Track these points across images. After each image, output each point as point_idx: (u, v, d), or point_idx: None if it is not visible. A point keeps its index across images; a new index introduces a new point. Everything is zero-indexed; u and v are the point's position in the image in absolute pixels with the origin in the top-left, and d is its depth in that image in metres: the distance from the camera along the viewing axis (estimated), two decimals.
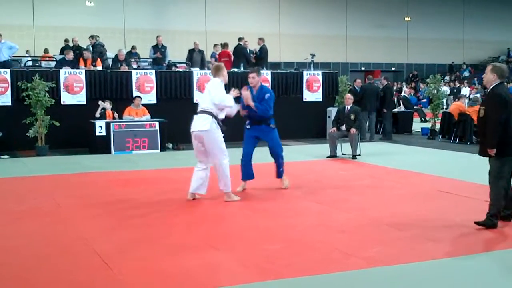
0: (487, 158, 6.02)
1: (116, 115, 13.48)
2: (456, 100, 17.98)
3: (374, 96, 15.53)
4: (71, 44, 17.26)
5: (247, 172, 8.11)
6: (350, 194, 7.93)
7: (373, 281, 4.46)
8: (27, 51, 21.03)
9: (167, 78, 14.70)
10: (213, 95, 7.23)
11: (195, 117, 7.34)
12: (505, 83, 6.50)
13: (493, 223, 5.92)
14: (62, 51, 16.02)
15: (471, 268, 4.75)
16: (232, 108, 7.48)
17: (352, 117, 11.77)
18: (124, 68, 14.65)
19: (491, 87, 6.03)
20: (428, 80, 17.06)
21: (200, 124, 7.22)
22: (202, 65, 16.18)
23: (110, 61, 15.28)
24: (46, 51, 19.16)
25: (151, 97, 14.38)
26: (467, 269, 4.73)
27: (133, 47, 18.06)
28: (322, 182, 8.95)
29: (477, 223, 5.95)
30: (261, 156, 8.47)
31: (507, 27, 39.49)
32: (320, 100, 16.32)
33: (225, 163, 7.34)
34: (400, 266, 4.74)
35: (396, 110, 18.96)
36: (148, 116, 13.53)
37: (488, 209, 5.96)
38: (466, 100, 18.34)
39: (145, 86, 14.38)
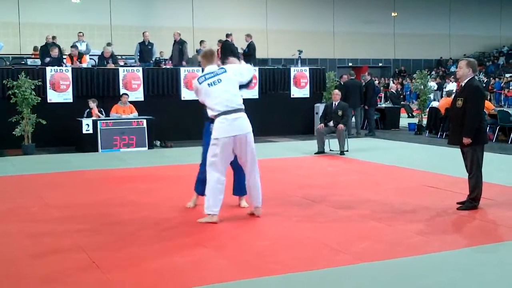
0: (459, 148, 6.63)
1: (101, 112, 13.36)
2: (446, 96, 18.06)
3: (357, 92, 15.54)
4: (45, 42, 16.88)
5: (238, 187, 6.76)
6: (338, 190, 7.95)
7: (362, 276, 4.48)
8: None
9: (154, 75, 14.64)
10: (243, 78, 6.15)
11: (232, 116, 5.93)
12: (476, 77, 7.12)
13: (473, 205, 6.48)
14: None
15: (459, 262, 4.78)
16: None
17: (340, 113, 11.80)
18: (111, 65, 14.57)
19: (467, 80, 6.48)
20: (415, 75, 17.13)
21: (246, 124, 6.05)
22: (180, 59, 15.47)
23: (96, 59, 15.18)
24: (35, 49, 18.96)
25: (138, 95, 14.32)
26: (455, 263, 4.76)
27: (108, 44, 16.91)
28: (310, 178, 8.97)
29: (459, 208, 6.51)
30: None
31: (493, 22, 39.77)
32: (308, 96, 16.36)
33: None
34: (388, 261, 4.76)
35: (383, 105, 19.05)
36: (135, 114, 13.46)
37: (470, 194, 6.55)
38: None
39: (132, 83, 14.31)
